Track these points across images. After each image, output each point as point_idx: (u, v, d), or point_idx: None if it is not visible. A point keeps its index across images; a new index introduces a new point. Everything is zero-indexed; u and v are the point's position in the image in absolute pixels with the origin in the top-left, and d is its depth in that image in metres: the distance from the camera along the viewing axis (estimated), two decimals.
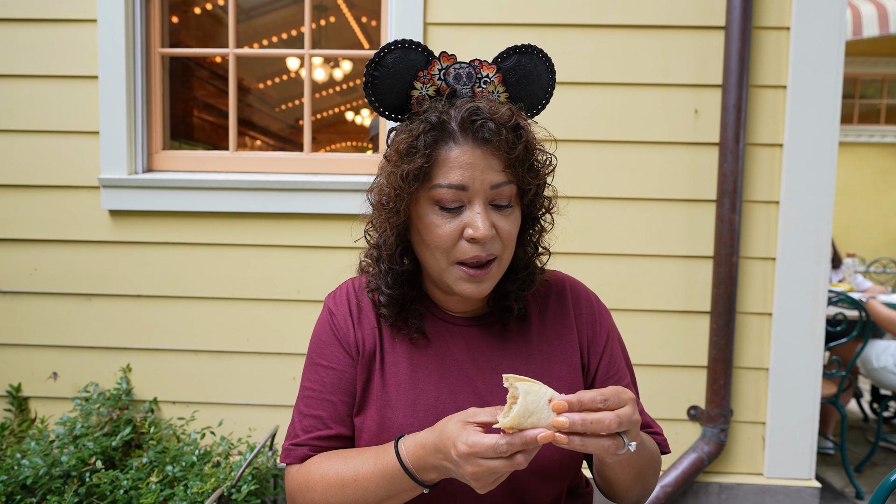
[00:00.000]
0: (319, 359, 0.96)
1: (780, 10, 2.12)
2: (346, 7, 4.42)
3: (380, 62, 0.86)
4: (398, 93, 0.89)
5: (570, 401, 0.67)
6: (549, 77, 0.94)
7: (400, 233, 0.90)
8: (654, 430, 0.99)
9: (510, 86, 0.91)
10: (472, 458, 0.69)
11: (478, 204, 0.83)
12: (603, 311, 1.02)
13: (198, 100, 4.43)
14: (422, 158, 0.82)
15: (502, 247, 0.86)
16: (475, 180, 0.82)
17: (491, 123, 0.81)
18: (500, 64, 0.90)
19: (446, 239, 0.84)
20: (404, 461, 0.79)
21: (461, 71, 0.88)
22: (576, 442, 0.67)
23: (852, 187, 7.26)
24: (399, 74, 0.87)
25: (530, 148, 0.86)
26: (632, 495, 0.92)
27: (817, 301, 2.15)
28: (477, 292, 0.86)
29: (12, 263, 2.26)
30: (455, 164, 0.82)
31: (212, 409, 2.27)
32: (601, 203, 2.20)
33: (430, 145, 0.82)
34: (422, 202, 0.85)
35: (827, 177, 2.12)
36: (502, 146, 0.82)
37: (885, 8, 4.63)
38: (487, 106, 0.83)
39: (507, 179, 0.84)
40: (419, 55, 0.87)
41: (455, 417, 0.74)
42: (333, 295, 1.00)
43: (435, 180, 0.83)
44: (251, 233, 2.23)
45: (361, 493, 0.83)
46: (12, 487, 1.79)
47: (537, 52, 0.91)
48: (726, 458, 2.25)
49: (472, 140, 0.82)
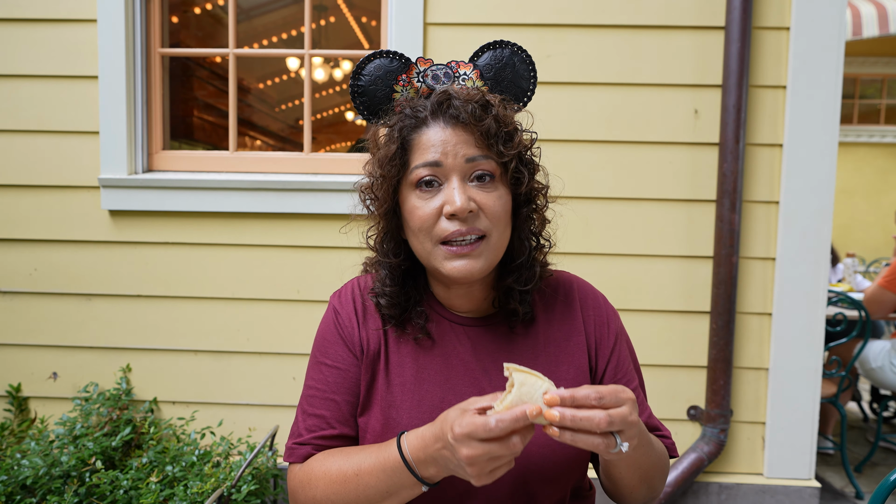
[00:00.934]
0: (324, 358, 0.96)
1: (780, 10, 2.12)
2: (346, 7, 4.42)
3: (361, 72, 0.94)
4: (381, 98, 0.95)
5: (563, 396, 0.68)
6: (527, 67, 0.97)
7: (390, 226, 0.92)
8: (662, 433, 0.98)
9: (489, 80, 0.95)
10: (467, 440, 0.68)
11: (454, 179, 0.85)
12: (611, 313, 1.02)
13: (198, 100, 4.43)
14: (396, 143, 0.87)
15: (489, 224, 0.86)
16: (448, 155, 0.85)
17: (457, 101, 0.86)
18: (476, 62, 0.95)
19: (426, 219, 0.86)
20: (405, 454, 0.79)
21: (439, 72, 0.93)
22: (566, 436, 0.68)
23: (852, 187, 7.27)
24: (380, 81, 0.94)
25: (501, 121, 0.87)
26: (638, 497, 0.91)
27: (817, 301, 2.15)
28: (465, 270, 0.85)
29: (12, 263, 2.26)
30: (428, 144, 0.87)
31: (212, 409, 2.27)
32: (601, 203, 2.20)
33: (404, 131, 0.88)
34: (405, 191, 0.89)
35: (827, 177, 2.12)
36: (470, 121, 0.85)
37: (885, 8, 4.64)
38: (458, 89, 0.89)
39: (482, 154, 0.86)
40: (397, 62, 0.94)
41: (456, 406, 0.74)
42: (339, 294, 1.01)
43: (412, 164, 0.87)
44: (251, 233, 2.23)
45: (362, 489, 0.82)
46: (12, 487, 1.79)
47: (509, 45, 0.95)
48: (726, 458, 2.25)
49: (443, 120, 0.87)
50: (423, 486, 0.79)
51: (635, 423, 0.71)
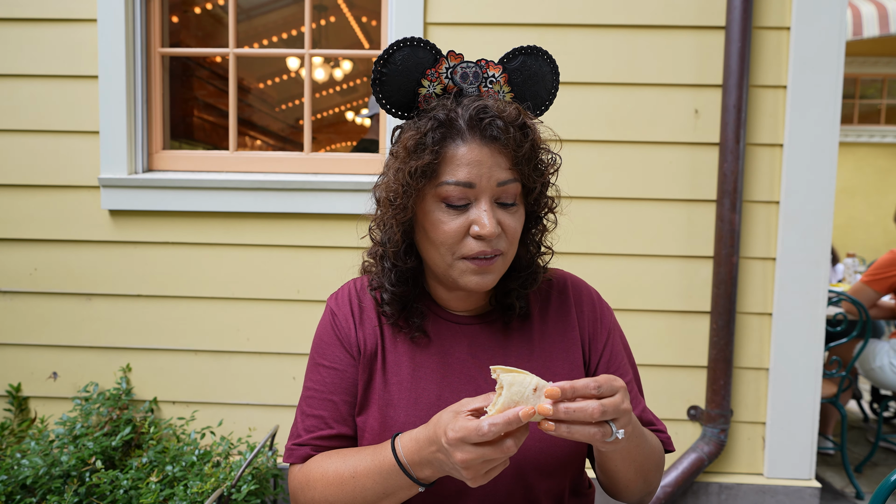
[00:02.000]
0: (321, 359, 0.96)
1: (780, 10, 2.12)
2: (346, 7, 4.42)
3: (388, 59, 0.87)
4: (405, 90, 0.89)
5: (564, 388, 0.68)
6: (553, 78, 0.95)
7: (405, 230, 0.90)
8: (657, 427, 0.98)
9: (515, 86, 0.92)
10: (461, 444, 0.68)
11: (484, 201, 0.83)
12: (604, 308, 1.03)
13: (198, 99, 4.43)
14: (430, 155, 0.82)
15: (508, 244, 0.87)
16: (482, 177, 0.82)
17: (499, 121, 0.82)
18: (506, 64, 0.91)
19: (452, 235, 0.84)
20: (400, 457, 0.79)
21: (468, 70, 0.89)
22: (562, 429, 0.68)
23: (852, 187, 7.27)
24: (407, 72, 0.88)
25: (536, 147, 0.87)
26: (634, 491, 0.92)
27: (817, 301, 2.15)
28: (482, 284, 0.87)
29: (12, 263, 2.26)
30: (462, 161, 0.82)
31: (212, 409, 2.27)
32: (601, 203, 2.20)
33: (439, 142, 0.83)
34: (428, 199, 0.86)
35: (827, 177, 2.12)
36: (510, 144, 0.83)
37: (886, 8, 4.63)
38: (495, 104, 0.84)
39: (514, 177, 0.85)
40: (427, 53, 0.87)
41: (449, 409, 0.74)
42: (335, 295, 1.01)
43: (442, 177, 0.83)
44: (251, 233, 2.23)
45: (359, 491, 0.83)
46: (12, 487, 1.79)
47: (542, 53, 0.92)
48: (726, 458, 2.25)
49: (480, 138, 0.83)
50: (420, 487, 0.80)
51: (628, 411, 0.72)
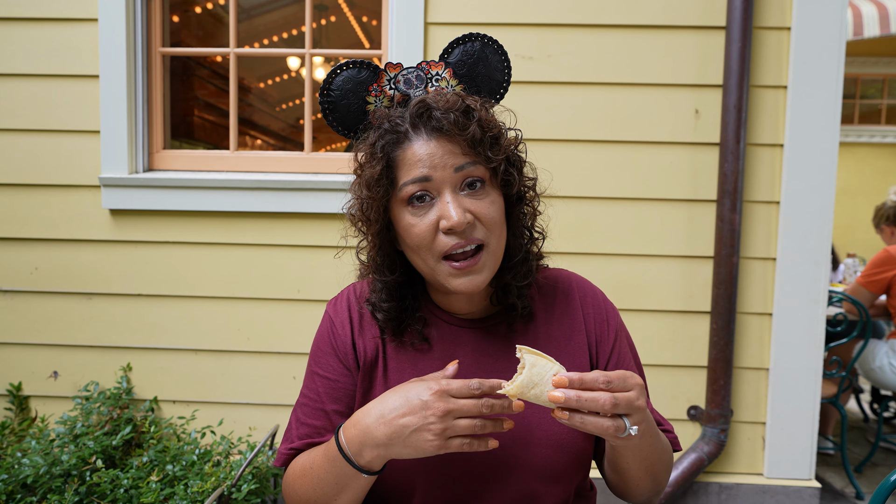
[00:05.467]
0: (316, 367, 0.97)
1: (780, 10, 2.12)
2: (346, 6, 4.42)
3: (331, 86, 0.90)
4: (355, 111, 0.91)
5: (572, 378, 0.70)
6: (501, 58, 0.94)
7: (383, 243, 0.90)
8: (664, 427, 0.98)
9: (462, 77, 0.92)
10: (446, 396, 0.74)
11: (447, 192, 0.83)
12: (610, 310, 1.01)
13: (198, 99, 4.43)
14: (381, 162, 0.83)
15: (487, 232, 0.85)
16: (436, 168, 0.82)
17: (437, 112, 0.82)
18: (447, 59, 0.92)
19: (424, 236, 0.84)
20: (341, 442, 0.80)
21: (410, 76, 0.90)
22: (575, 419, 0.70)
23: (853, 187, 7.25)
24: (352, 93, 0.90)
25: (486, 126, 0.84)
26: (644, 490, 0.91)
27: (817, 301, 2.15)
28: (470, 286, 0.85)
29: (13, 263, 2.26)
30: (414, 159, 0.83)
31: (212, 409, 2.28)
32: (601, 203, 2.20)
33: (387, 148, 0.84)
34: (396, 208, 0.86)
35: (827, 177, 2.12)
36: (454, 131, 0.82)
37: (886, 8, 4.63)
38: (434, 98, 0.84)
39: (471, 160, 0.84)
40: (367, 71, 0.90)
41: (416, 379, 0.80)
42: (334, 302, 1.00)
43: (400, 181, 0.84)
44: (251, 232, 2.23)
45: (317, 482, 0.85)
46: (13, 486, 1.79)
47: (479, 37, 0.92)
48: (726, 458, 2.25)
49: (426, 132, 0.83)
50: (364, 474, 0.80)
51: (642, 409, 0.73)
